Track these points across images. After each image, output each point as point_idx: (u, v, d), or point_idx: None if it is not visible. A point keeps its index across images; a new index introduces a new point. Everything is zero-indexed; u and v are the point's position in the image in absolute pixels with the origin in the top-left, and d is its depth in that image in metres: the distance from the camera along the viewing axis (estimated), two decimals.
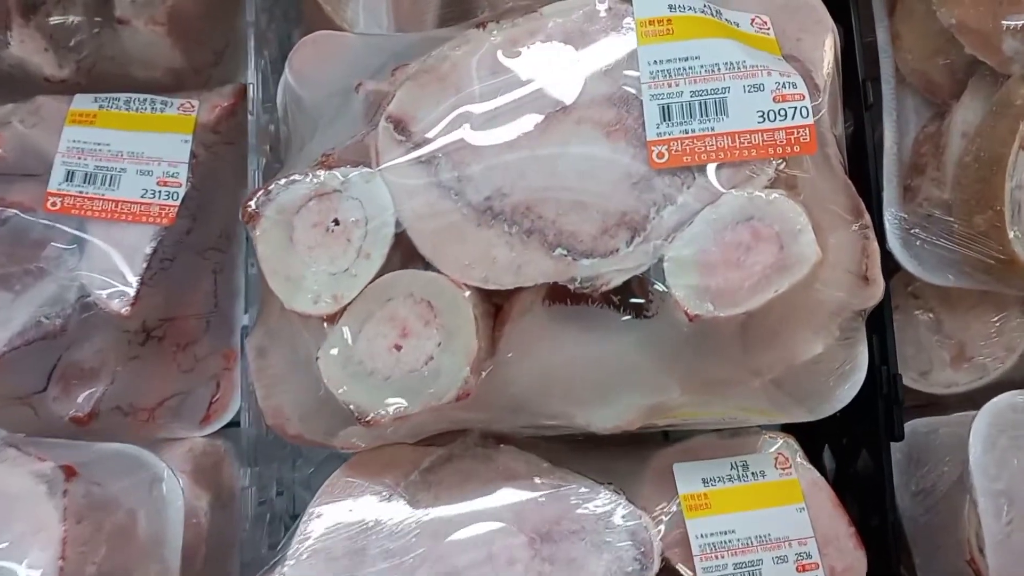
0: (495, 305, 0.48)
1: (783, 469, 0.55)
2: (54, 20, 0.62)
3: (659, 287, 0.44)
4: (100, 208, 0.59)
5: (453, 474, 0.53)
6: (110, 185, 0.60)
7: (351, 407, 0.45)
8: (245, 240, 0.64)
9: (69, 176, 0.60)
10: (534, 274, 0.45)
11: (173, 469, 0.51)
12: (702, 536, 0.52)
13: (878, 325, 0.56)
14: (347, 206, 0.46)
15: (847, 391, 0.51)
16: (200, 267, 0.63)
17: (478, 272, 0.45)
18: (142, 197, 0.59)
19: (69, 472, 0.46)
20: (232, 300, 0.65)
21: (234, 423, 0.63)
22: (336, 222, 0.46)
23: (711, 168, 0.45)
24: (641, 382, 0.47)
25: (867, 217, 0.48)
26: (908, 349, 0.63)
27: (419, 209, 0.46)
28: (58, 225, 0.58)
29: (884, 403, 0.55)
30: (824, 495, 0.55)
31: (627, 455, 0.55)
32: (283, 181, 0.46)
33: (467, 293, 0.45)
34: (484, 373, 0.45)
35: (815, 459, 0.64)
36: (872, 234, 0.48)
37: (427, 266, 0.46)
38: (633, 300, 0.45)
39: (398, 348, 0.45)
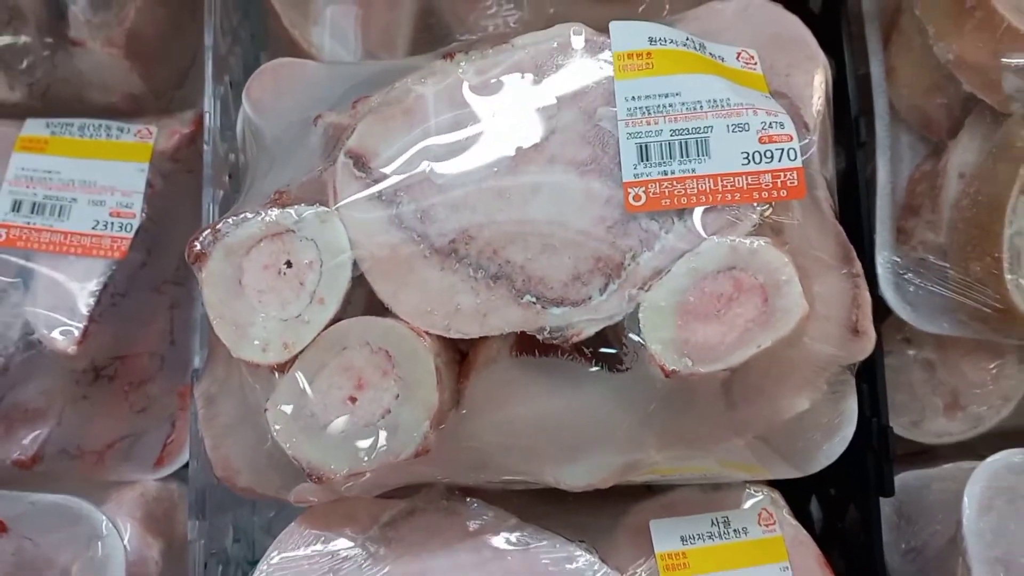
0: (459, 352, 0.45)
1: (767, 526, 0.52)
2: (3, 40, 0.59)
3: (634, 338, 0.41)
4: (48, 240, 0.56)
5: (415, 530, 0.49)
6: (59, 216, 0.56)
7: (302, 464, 0.42)
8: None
9: (16, 206, 0.56)
10: (500, 323, 0.42)
11: (116, 522, 0.48)
12: None
13: (868, 375, 0.53)
14: (301, 247, 0.42)
15: (835, 446, 0.48)
16: (155, 302, 0.59)
17: (440, 320, 0.42)
18: (93, 229, 0.56)
19: (0, 528, 0.42)
20: (189, 335, 0.61)
21: (186, 466, 0.60)
22: (288, 264, 0.42)
23: (692, 213, 0.42)
24: (614, 439, 0.43)
25: (858, 265, 0.45)
26: (900, 396, 0.60)
27: (378, 251, 0.42)
28: (2, 257, 0.55)
29: (874, 457, 0.52)
30: (810, 553, 0.52)
31: (602, 509, 0.52)
32: (232, 220, 0.43)
33: (428, 342, 0.42)
34: (445, 424, 0.42)
35: (801, 511, 0.61)
36: (863, 282, 0.45)
37: (387, 312, 0.43)
38: (606, 352, 0.42)
39: (353, 400, 0.42)
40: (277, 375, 0.42)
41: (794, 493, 0.54)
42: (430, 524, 0.50)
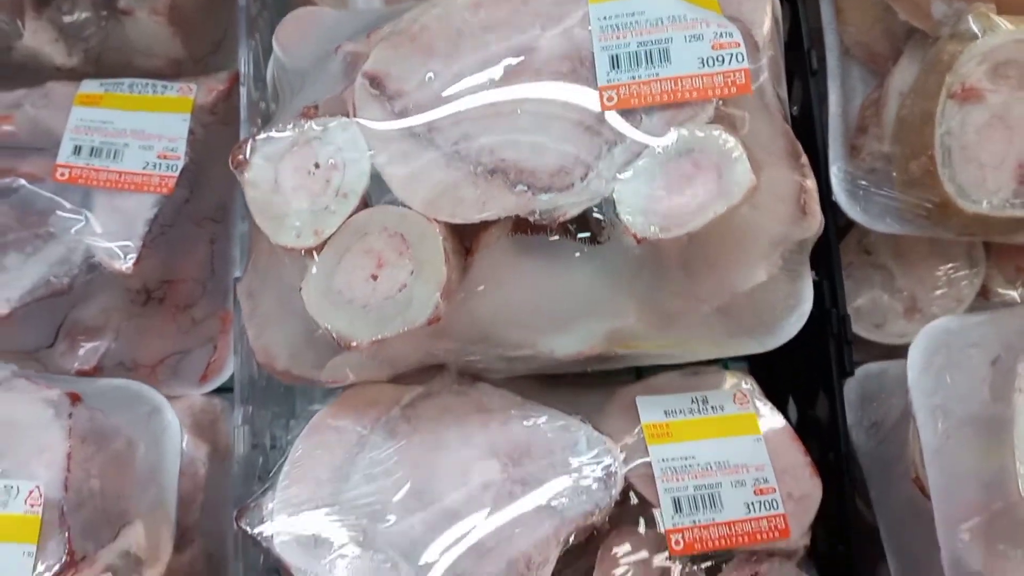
0: (463, 243, 0.52)
1: (741, 404, 0.59)
2: (64, 13, 0.67)
3: (610, 215, 0.48)
4: (105, 179, 0.64)
5: (431, 409, 0.57)
6: (114, 158, 0.64)
7: (333, 333, 0.49)
8: (239, 215, 0.68)
9: (76, 150, 0.64)
10: (497, 209, 0.49)
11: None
12: (663, 461, 0.55)
13: (827, 270, 0.60)
14: (326, 152, 0.50)
15: (793, 323, 0.55)
16: (197, 235, 0.67)
17: (447, 208, 0.49)
18: (144, 169, 0.64)
19: (74, 398, 0.50)
20: (227, 268, 0.69)
21: (228, 388, 0.67)
22: (316, 166, 0.50)
23: (656, 110, 0.49)
24: (599, 308, 0.51)
25: (804, 158, 0.52)
26: (863, 304, 0.66)
27: (392, 155, 0.50)
28: (66, 194, 0.63)
29: (835, 342, 0.59)
30: (781, 428, 0.59)
31: (595, 392, 0.59)
32: (269, 132, 0.51)
33: (437, 227, 0.49)
34: (453, 301, 0.49)
35: (780, 409, 0.67)
36: (810, 172, 0.52)
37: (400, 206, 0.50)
38: (587, 228, 0.49)
39: (374, 278, 0.49)
40: (309, 259, 0.50)
41: (772, 398, 0.60)
42: (444, 404, 0.57)
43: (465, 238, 0.52)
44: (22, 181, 0.63)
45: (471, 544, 0.52)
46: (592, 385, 0.60)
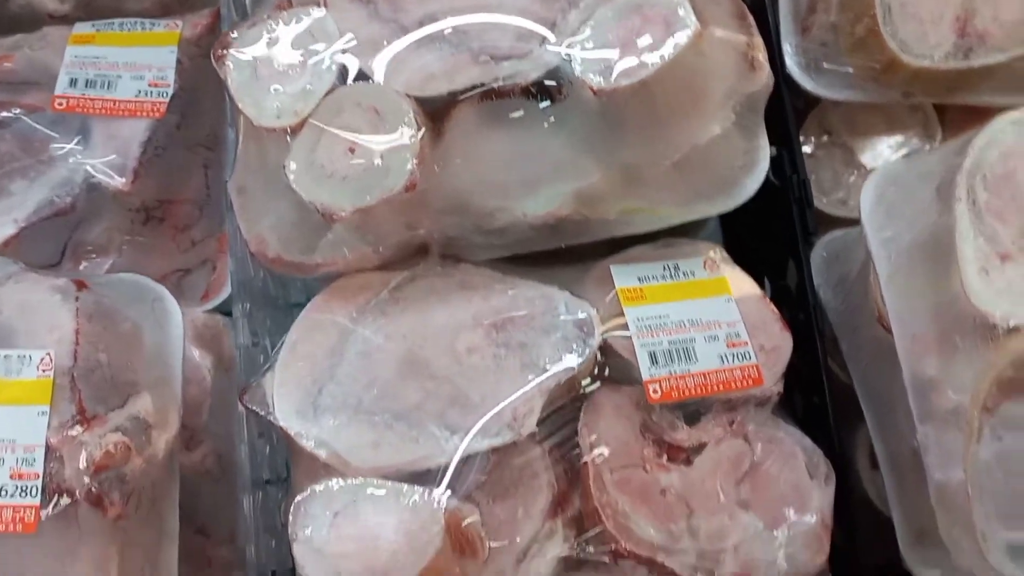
0: (435, 119, 0.55)
1: (711, 270, 0.62)
2: None
3: (568, 74, 0.51)
4: (100, 107, 0.68)
5: (417, 290, 0.60)
6: (108, 88, 0.68)
7: (316, 206, 0.53)
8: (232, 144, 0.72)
9: (72, 83, 0.68)
10: (464, 80, 0.53)
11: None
12: (638, 320, 0.58)
13: (785, 139, 0.63)
14: (302, 39, 0.54)
15: (753, 180, 0.58)
16: (190, 160, 0.71)
17: (417, 84, 0.53)
18: (136, 96, 0.68)
19: (80, 284, 0.53)
20: (221, 192, 0.73)
21: (228, 312, 0.70)
22: (293, 47, 0.54)
23: None
24: (564, 170, 0.54)
25: (751, 19, 0.56)
26: (827, 181, 0.70)
27: (363, 38, 0.54)
28: (64, 122, 0.67)
29: (797, 206, 0.62)
30: (751, 290, 0.62)
31: (571, 269, 0.62)
32: (248, 24, 0.55)
33: (408, 100, 0.53)
34: (429, 171, 0.53)
35: None
36: (756, 31, 0.55)
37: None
38: (548, 88, 0.52)
39: (352, 150, 0.53)
40: (291, 139, 0.53)
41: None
42: (429, 285, 0.60)
43: (436, 117, 0.55)
44: (22, 113, 0.67)
45: (459, 401, 0.55)
46: (569, 263, 0.63)
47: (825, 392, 0.61)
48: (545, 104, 0.52)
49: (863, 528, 0.61)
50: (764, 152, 0.58)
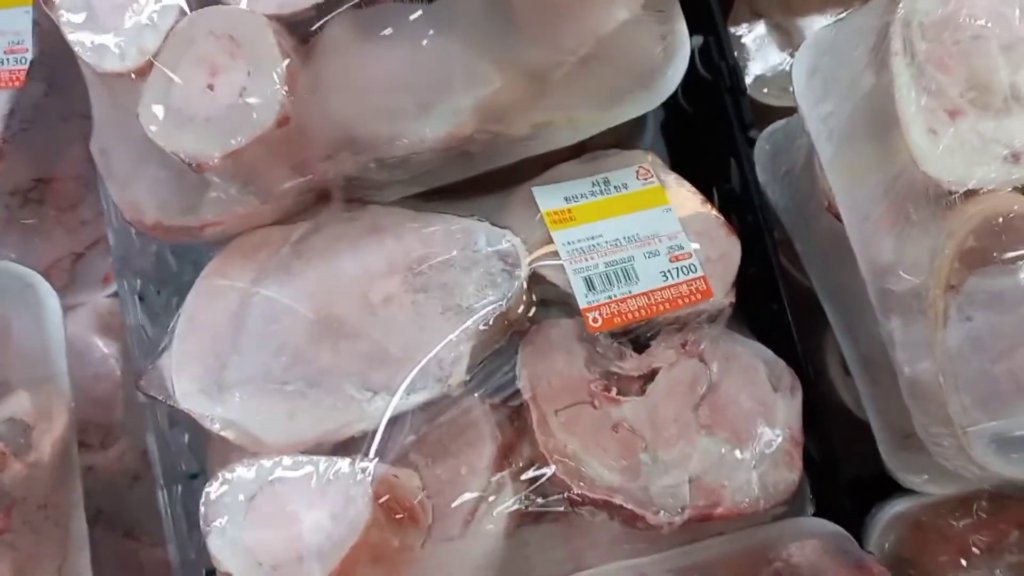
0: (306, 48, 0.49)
1: (645, 179, 0.56)
2: None
3: None
4: None
5: (322, 240, 0.54)
6: None
7: (181, 155, 0.46)
8: None
9: None
10: None
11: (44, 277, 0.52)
12: (568, 244, 0.52)
13: (710, 25, 0.57)
14: None
15: (675, 69, 0.51)
16: (67, 132, 0.64)
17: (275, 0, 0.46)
18: None
19: None
20: None
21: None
22: None
23: None
24: (458, 80, 0.47)
25: None
26: (765, 69, 0.63)
27: None
28: None
29: (731, 96, 0.56)
30: (691, 195, 0.56)
31: (492, 197, 0.56)
32: None
33: (266, 20, 0.46)
34: (304, 100, 0.46)
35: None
36: None
37: None
38: None
39: (211, 88, 0.46)
40: (140, 82, 0.47)
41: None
42: (335, 233, 0.54)
43: (306, 39, 0.48)
44: None
45: (378, 358, 0.50)
46: (490, 191, 0.57)
47: (782, 297, 0.55)
48: (425, 5, 0.46)
49: (841, 438, 0.56)
50: (683, 36, 0.51)
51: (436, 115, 0.48)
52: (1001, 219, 0.37)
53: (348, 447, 0.48)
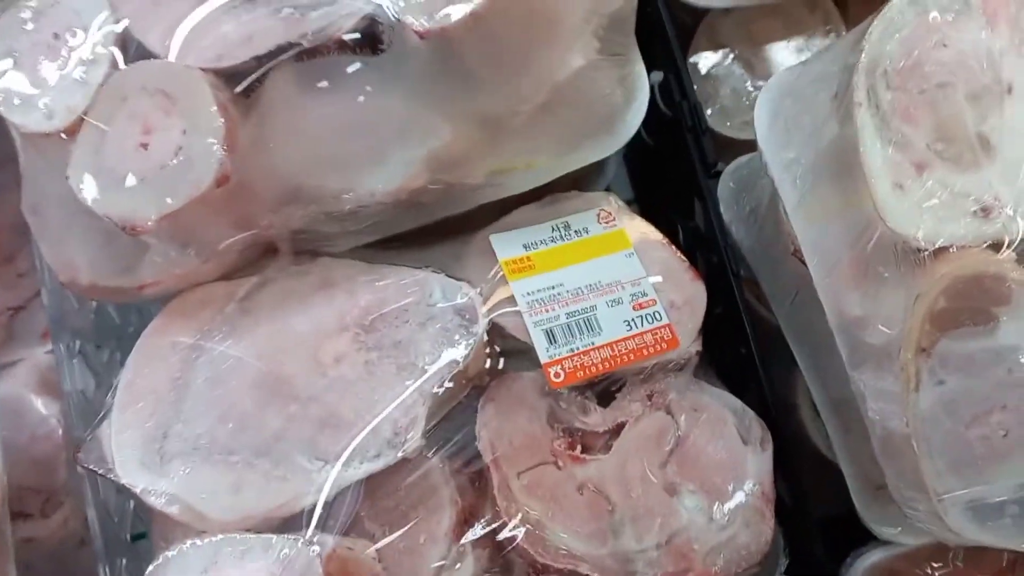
0: (243, 96, 0.46)
1: (607, 223, 0.54)
2: None
3: (389, 19, 0.42)
4: None
5: (270, 296, 0.51)
6: None
7: (114, 219, 0.43)
8: None
9: None
10: (267, 41, 0.43)
11: None
12: (528, 294, 0.50)
13: (670, 64, 0.55)
14: (64, 19, 0.44)
15: (634, 113, 0.50)
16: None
17: (211, 51, 0.44)
18: None
19: None
20: None
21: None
22: (55, 36, 0.44)
23: None
24: (408, 132, 0.45)
25: None
26: (727, 101, 0.62)
27: (136, 7, 0.44)
28: None
29: (692, 135, 0.55)
30: (653, 239, 0.54)
31: (447, 245, 0.54)
32: None
33: (202, 75, 0.43)
34: (245, 156, 0.44)
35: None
36: None
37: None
38: (369, 39, 0.43)
39: (145, 146, 0.43)
40: (69, 141, 0.44)
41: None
42: (284, 288, 0.51)
43: (247, 92, 0.46)
44: None
45: (330, 423, 0.47)
46: (444, 239, 0.55)
47: (750, 340, 0.53)
48: (369, 58, 0.44)
49: (813, 480, 0.55)
50: (642, 78, 0.50)
51: (386, 168, 0.46)
52: (972, 279, 0.36)
53: (298, 519, 0.46)
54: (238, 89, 0.44)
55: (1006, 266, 0.36)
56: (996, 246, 0.37)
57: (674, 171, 0.59)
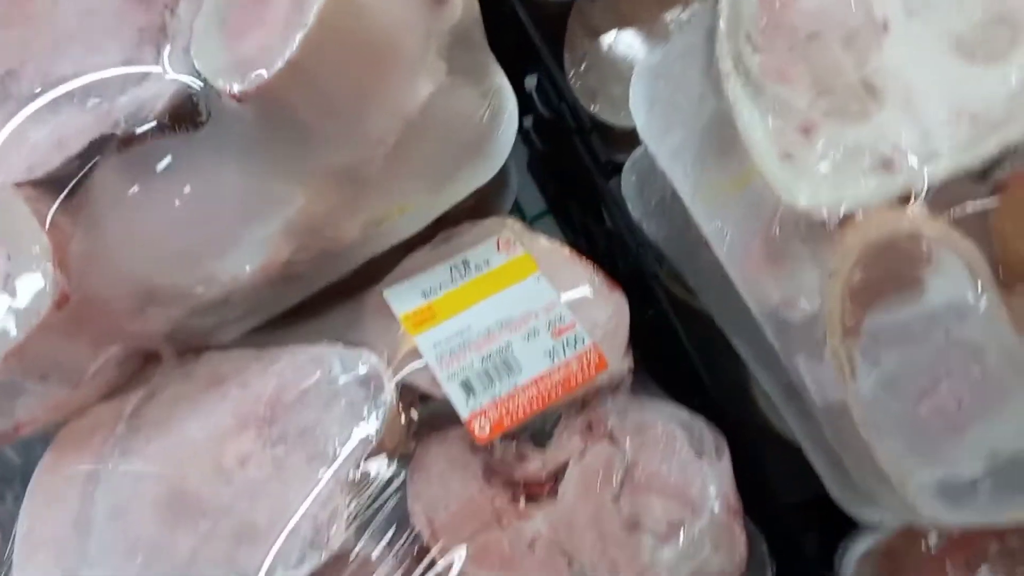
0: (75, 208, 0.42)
1: (508, 251, 0.50)
2: None
3: (204, 90, 0.38)
4: None
5: (160, 407, 0.47)
6: None
7: None
8: None
9: None
10: (79, 139, 0.39)
11: None
12: (436, 346, 0.46)
13: (537, 66, 0.51)
14: None
15: (505, 130, 0.46)
16: None
17: (22, 164, 0.39)
18: None
19: None
20: None
21: None
22: None
23: None
24: (254, 204, 0.41)
25: None
26: (613, 89, 0.58)
27: None
28: None
29: (579, 137, 0.51)
30: (561, 255, 0.50)
31: (340, 310, 0.49)
32: None
33: (18, 191, 0.39)
34: (83, 267, 0.39)
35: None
36: None
37: None
38: (186, 114, 0.39)
39: None
40: None
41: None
42: (173, 395, 0.47)
43: (71, 195, 0.42)
44: None
45: (245, 534, 0.43)
46: (339, 304, 0.50)
47: (683, 340, 0.50)
48: (191, 135, 0.39)
49: (777, 463, 0.51)
50: (505, 91, 0.46)
51: (240, 250, 0.41)
52: (886, 245, 0.32)
53: None
54: (61, 197, 0.40)
55: (919, 222, 0.32)
56: (907, 200, 0.34)
57: (574, 175, 0.55)
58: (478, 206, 0.54)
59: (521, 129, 0.51)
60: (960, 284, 0.32)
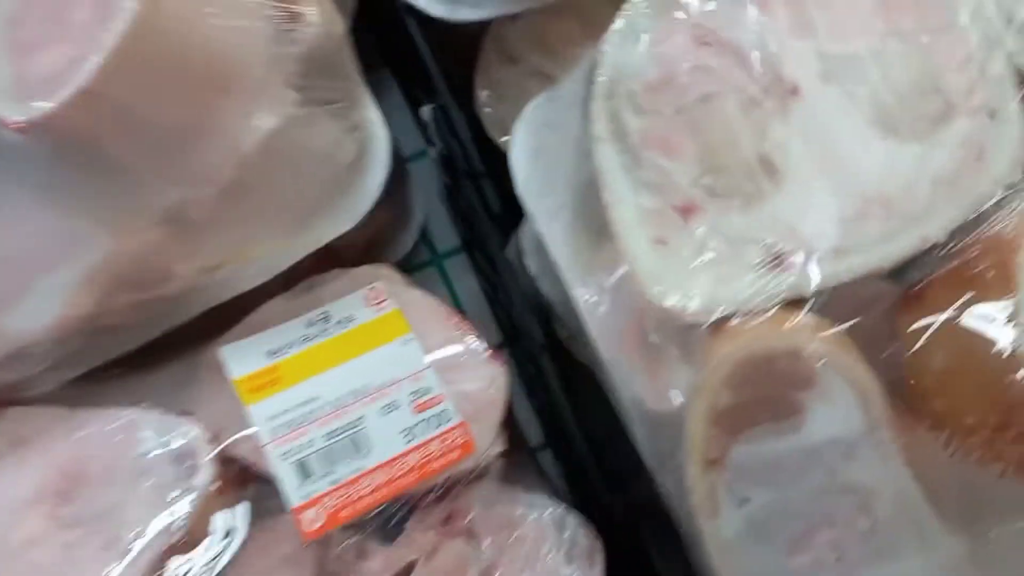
0: None
1: (378, 305, 0.44)
2: None
3: None
4: None
5: None
6: None
7: None
8: None
9: None
10: None
11: None
12: (272, 418, 0.40)
13: (433, 96, 0.45)
14: None
15: (374, 168, 0.39)
16: None
17: None
18: None
19: None
20: None
21: None
22: None
23: None
24: (50, 248, 0.34)
25: None
26: None
27: None
28: None
29: (472, 183, 0.44)
30: (436, 314, 0.44)
31: (175, 365, 0.43)
32: None
33: None
34: None
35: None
36: None
37: None
38: None
39: None
40: None
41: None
42: None
43: None
44: None
45: None
46: (174, 358, 0.44)
47: (570, 419, 0.43)
48: None
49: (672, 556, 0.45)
50: (375, 125, 0.39)
51: (33, 300, 0.35)
52: (761, 360, 0.26)
53: None
54: None
55: (802, 337, 0.26)
56: (798, 305, 0.28)
57: (476, 215, 0.49)
58: (375, 240, 0.49)
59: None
60: (849, 415, 0.26)
